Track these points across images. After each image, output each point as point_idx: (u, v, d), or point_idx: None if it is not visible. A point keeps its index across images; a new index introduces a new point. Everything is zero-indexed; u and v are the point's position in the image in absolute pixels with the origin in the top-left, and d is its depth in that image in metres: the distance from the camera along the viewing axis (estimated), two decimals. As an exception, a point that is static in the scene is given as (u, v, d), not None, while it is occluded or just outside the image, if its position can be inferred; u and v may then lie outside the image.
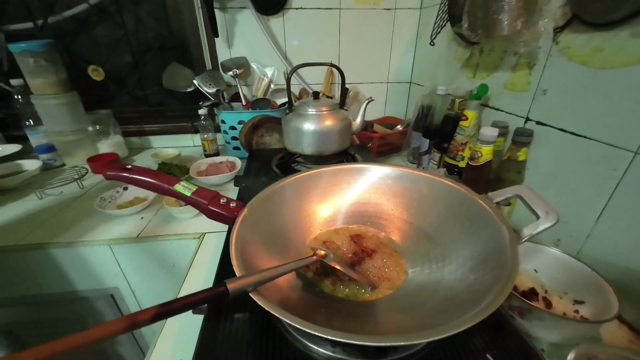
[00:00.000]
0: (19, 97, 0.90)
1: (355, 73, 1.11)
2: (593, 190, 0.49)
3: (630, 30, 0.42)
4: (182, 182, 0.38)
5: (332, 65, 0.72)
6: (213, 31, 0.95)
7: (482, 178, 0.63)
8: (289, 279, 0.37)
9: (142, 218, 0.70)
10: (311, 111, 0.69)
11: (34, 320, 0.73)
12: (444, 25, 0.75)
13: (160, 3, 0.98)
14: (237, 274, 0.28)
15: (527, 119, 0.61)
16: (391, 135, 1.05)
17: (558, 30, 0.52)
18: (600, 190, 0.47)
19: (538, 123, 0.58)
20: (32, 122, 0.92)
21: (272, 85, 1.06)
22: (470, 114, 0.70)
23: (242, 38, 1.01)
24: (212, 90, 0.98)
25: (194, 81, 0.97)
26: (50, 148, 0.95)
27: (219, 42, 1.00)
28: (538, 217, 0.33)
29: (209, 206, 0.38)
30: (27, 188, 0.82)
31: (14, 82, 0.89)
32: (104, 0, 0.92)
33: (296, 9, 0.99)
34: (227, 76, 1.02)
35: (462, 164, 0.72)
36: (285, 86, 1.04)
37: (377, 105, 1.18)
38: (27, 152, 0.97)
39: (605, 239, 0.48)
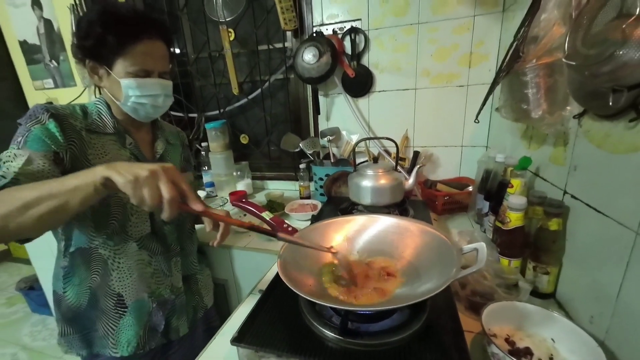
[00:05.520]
0: (204, 153, 1.50)
1: (429, 138, 1.27)
2: (614, 269, 0.49)
3: (625, 123, 0.47)
4: (266, 212, 0.67)
5: (388, 139, 0.93)
6: (317, 110, 1.34)
7: (513, 242, 0.67)
8: (314, 282, 0.58)
9: (249, 235, 1.05)
10: (369, 172, 0.91)
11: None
12: (483, 107, 0.85)
13: (286, 93, 1.46)
14: (280, 259, 0.52)
15: (565, 192, 0.64)
16: (458, 195, 1.11)
17: (577, 116, 0.58)
18: (618, 269, 0.48)
19: (572, 197, 0.61)
20: (206, 168, 1.50)
21: (356, 148, 1.33)
22: (516, 182, 0.75)
23: (337, 113, 1.36)
24: (311, 151, 1.33)
25: (300, 144, 1.36)
26: (212, 184, 1.49)
27: (320, 117, 1.38)
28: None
29: (276, 226, 0.64)
30: (196, 208, 1.33)
31: (203, 144, 1.50)
32: (256, 96, 1.46)
33: (379, 91, 1.27)
34: (323, 141, 1.37)
35: (504, 228, 0.76)
36: (364, 148, 1.30)
37: (451, 166, 1.27)
38: (200, 185, 1.55)
39: (626, 322, 0.47)
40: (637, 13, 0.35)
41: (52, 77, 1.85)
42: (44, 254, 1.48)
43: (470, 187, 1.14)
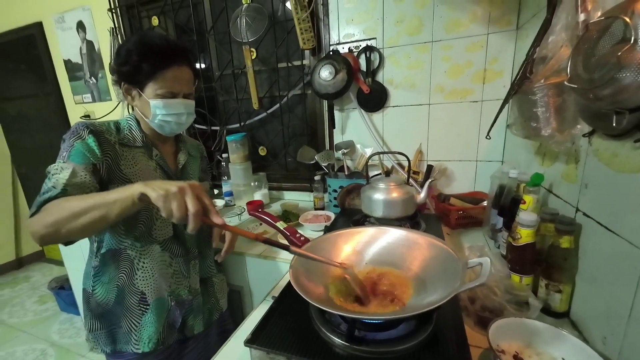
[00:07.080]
0: (224, 163, 1.58)
1: (443, 152, 1.28)
2: (625, 288, 0.49)
3: (631, 143, 0.48)
4: (280, 222, 0.71)
5: (400, 153, 0.95)
6: (332, 124, 1.39)
7: (524, 259, 0.67)
8: (323, 290, 0.60)
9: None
10: (381, 185, 0.93)
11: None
12: (494, 123, 0.86)
13: (303, 108, 1.52)
14: (292, 268, 0.56)
15: (577, 209, 0.64)
16: (472, 210, 1.11)
17: (587, 135, 0.59)
18: (629, 289, 0.48)
19: (584, 214, 0.61)
20: (226, 178, 1.57)
21: (369, 161, 1.36)
22: (528, 198, 0.75)
23: (352, 127, 1.40)
24: (326, 163, 1.37)
25: (315, 157, 1.40)
26: (230, 194, 1.56)
27: (335, 131, 1.43)
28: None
29: (289, 236, 0.68)
30: (215, 216, 1.40)
31: (224, 155, 1.58)
32: (275, 110, 1.53)
33: (393, 107, 1.30)
34: (338, 153, 1.41)
35: (516, 244, 0.75)
36: (377, 161, 1.33)
37: (466, 181, 1.27)
38: (219, 195, 1.63)
39: (638, 343, 0.46)
40: (632, 40, 0.37)
41: (90, 92, 2.02)
42: (75, 256, 1.59)
43: (485, 202, 1.13)
